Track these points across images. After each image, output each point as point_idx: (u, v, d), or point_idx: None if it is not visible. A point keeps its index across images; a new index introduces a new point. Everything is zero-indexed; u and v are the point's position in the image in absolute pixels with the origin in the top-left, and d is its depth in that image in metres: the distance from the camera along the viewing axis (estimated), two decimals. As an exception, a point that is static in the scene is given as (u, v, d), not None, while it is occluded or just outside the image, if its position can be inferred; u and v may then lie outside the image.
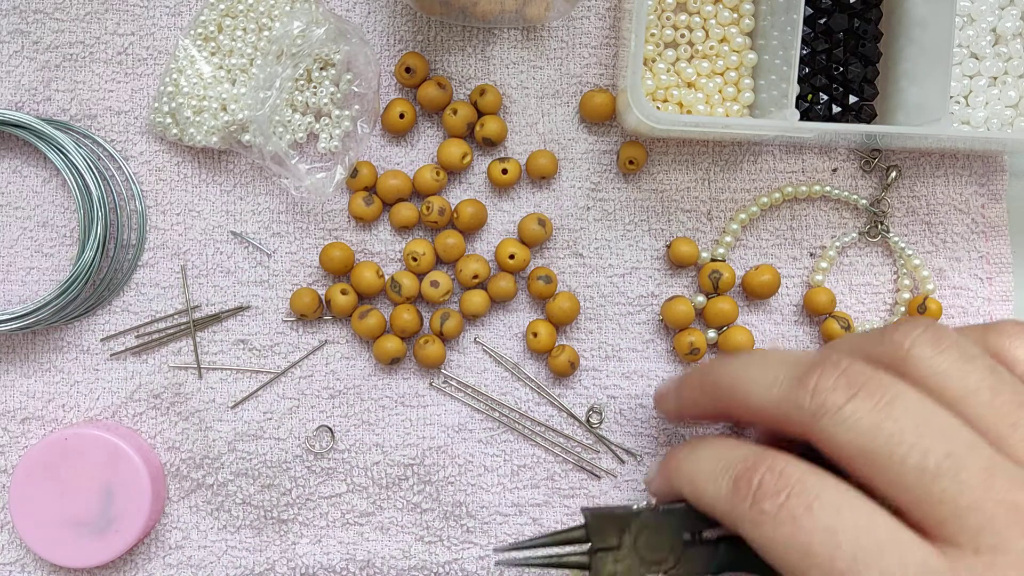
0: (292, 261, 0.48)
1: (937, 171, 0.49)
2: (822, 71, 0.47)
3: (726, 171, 0.49)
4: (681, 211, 0.49)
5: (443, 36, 0.48)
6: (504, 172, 0.47)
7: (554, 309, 0.47)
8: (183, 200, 0.48)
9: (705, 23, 0.47)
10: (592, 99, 0.47)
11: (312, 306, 0.47)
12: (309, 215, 0.48)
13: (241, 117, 0.46)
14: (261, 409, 0.48)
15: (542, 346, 0.47)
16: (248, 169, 0.48)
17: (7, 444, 0.48)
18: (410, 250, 0.47)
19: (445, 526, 0.48)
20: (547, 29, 0.48)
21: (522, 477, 0.48)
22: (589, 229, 0.49)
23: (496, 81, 0.48)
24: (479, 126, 0.47)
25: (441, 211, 0.47)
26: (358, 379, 0.48)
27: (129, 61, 0.48)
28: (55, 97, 0.47)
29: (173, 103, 0.46)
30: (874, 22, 0.47)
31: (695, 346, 0.47)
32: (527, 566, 0.36)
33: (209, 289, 0.48)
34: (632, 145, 0.48)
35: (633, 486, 0.48)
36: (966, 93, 0.47)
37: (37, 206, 0.48)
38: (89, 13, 0.47)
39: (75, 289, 0.46)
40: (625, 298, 0.49)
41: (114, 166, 0.48)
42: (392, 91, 0.48)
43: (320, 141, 0.47)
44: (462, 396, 0.48)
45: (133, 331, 0.48)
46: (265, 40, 0.46)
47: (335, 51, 0.46)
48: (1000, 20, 0.46)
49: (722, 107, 0.47)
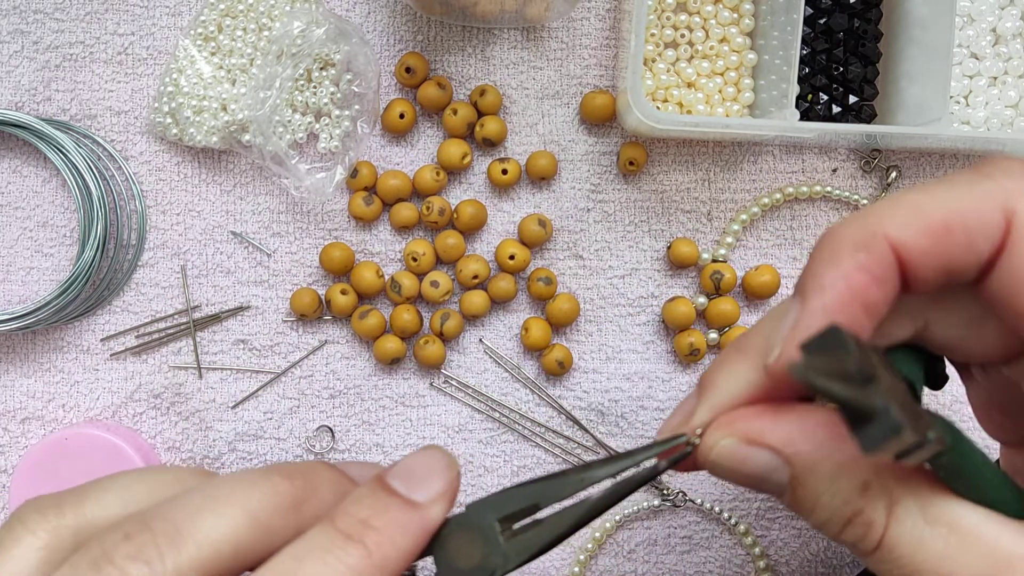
0: (292, 261, 0.48)
1: (937, 171, 0.49)
2: (822, 71, 0.47)
3: (726, 171, 0.49)
4: (681, 212, 0.49)
5: (443, 36, 0.48)
6: (504, 172, 0.47)
7: (554, 310, 0.47)
8: (183, 200, 0.48)
9: (705, 23, 0.47)
10: (593, 100, 0.47)
11: (312, 306, 0.47)
12: (309, 215, 0.48)
13: (241, 117, 0.46)
14: (261, 409, 0.48)
15: (532, 342, 0.47)
16: (248, 169, 0.48)
17: (7, 444, 0.48)
18: (410, 250, 0.47)
19: (445, 526, 0.48)
20: (547, 29, 0.48)
21: (522, 478, 0.48)
22: (589, 230, 0.49)
23: (496, 81, 0.48)
24: (479, 126, 0.47)
25: (441, 211, 0.47)
26: (358, 379, 0.48)
27: (129, 61, 0.48)
28: (55, 97, 0.47)
29: (173, 103, 0.46)
30: (874, 22, 0.47)
31: (695, 347, 0.47)
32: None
33: (209, 289, 0.48)
34: (632, 146, 0.48)
35: (633, 487, 0.48)
36: (966, 93, 0.47)
37: (37, 206, 0.48)
38: (89, 13, 0.47)
39: (75, 289, 0.46)
40: (625, 299, 0.49)
41: (114, 166, 0.48)
42: (392, 91, 0.48)
43: (320, 141, 0.47)
44: (462, 396, 0.48)
45: (133, 331, 0.48)
46: (265, 40, 0.46)
47: (335, 51, 0.46)
48: (1000, 20, 0.46)
49: (722, 107, 0.47)
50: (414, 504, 0.26)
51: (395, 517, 0.25)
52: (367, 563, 0.24)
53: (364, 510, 0.25)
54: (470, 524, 0.27)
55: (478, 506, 0.27)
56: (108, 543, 0.24)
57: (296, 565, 0.24)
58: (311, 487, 0.26)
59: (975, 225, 0.24)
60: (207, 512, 0.24)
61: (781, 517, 0.49)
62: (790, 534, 0.49)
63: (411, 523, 0.26)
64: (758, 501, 0.49)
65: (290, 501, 0.25)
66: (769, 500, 0.49)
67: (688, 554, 0.49)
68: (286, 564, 0.24)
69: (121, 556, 0.23)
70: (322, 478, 0.27)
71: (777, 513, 0.49)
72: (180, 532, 0.24)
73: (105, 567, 0.23)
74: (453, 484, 0.27)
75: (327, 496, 0.26)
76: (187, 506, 0.24)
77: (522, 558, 0.27)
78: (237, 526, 0.24)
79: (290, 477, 0.26)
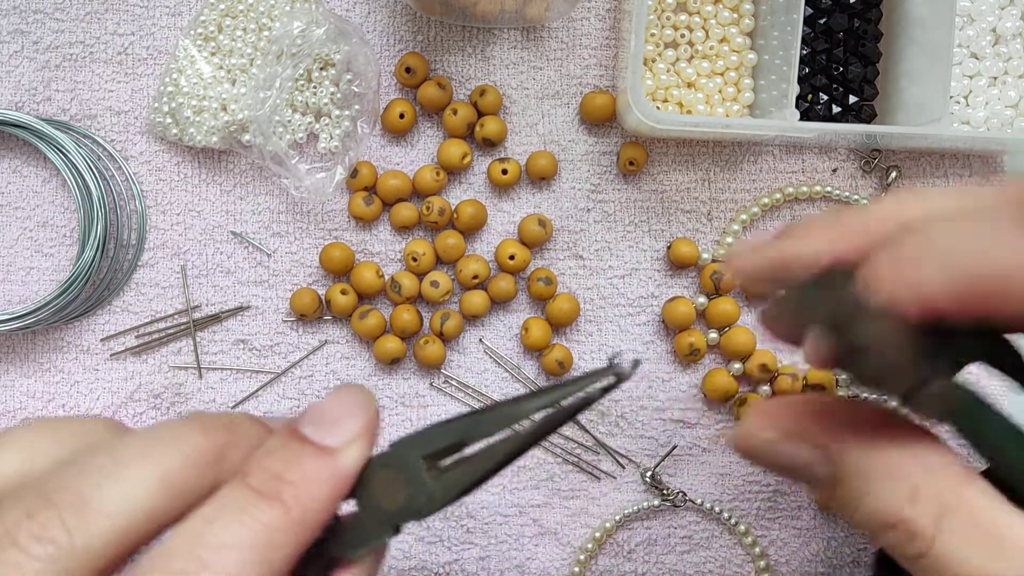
0: (292, 261, 0.48)
1: (937, 171, 0.49)
2: (822, 71, 0.47)
3: (726, 171, 0.49)
4: (681, 212, 0.49)
5: (443, 36, 0.48)
6: (504, 172, 0.47)
7: (554, 310, 0.47)
8: (183, 200, 0.48)
9: (705, 23, 0.47)
10: (593, 100, 0.47)
11: (312, 306, 0.47)
12: (309, 215, 0.48)
13: (241, 117, 0.46)
14: (261, 409, 0.48)
15: (532, 342, 0.47)
16: (248, 169, 0.48)
17: (7, 444, 0.48)
18: (410, 250, 0.47)
19: (445, 526, 0.48)
20: (547, 29, 0.48)
21: (522, 478, 0.48)
22: (589, 231, 0.49)
23: (496, 81, 0.48)
24: (479, 126, 0.47)
25: (441, 211, 0.47)
26: (358, 379, 0.48)
27: (129, 61, 0.48)
28: (55, 97, 0.47)
29: (173, 103, 0.46)
30: (874, 22, 0.47)
31: (695, 347, 0.47)
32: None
33: (209, 289, 0.48)
34: (632, 146, 0.48)
35: (634, 487, 0.48)
36: (966, 93, 0.47)
37: (37, 206, 0.48)
38: (89, 13, 0.47)
39: (75, 289, 0.46)
40: (625, 299, 0.49)
41: (114, 166, 0.48)
42: (392, 91, 0.48)
43: (320, 141, 0.47)
44: (462, 396, 0.48)
45: (133, 331, 0.48)
46: (265, 40, 0.46)
47: (335, 51, 0.46)
48: (1000, 20, 0.46)
49: (722, 107, 0.47)
50: (328, 450, 0.24)
51: (309, 468, 0.24)
52: (285, 520, 0.23)
53: (276, 463, 0.24)
54: (393, 463, 0.26)
55: (401, 444, 0.26)
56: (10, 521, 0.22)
57: (207, 528, 0.22)
58: (231, 441, 0.24)
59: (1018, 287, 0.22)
60: (116, 478, 0.22)
61: (781, 517, 0.49)
62: (790, 534, 0.49)
63: (327, 471, 0.24)
64: (758, 501, 0.49)
65: (209, 458, 0.24)
66: (769, 500, 0.49)
67: (688, 554, 0.49)
68: (197, 527, 0.23)
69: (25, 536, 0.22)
70: (243, 431, 0.25)
71: (777, 513, 0.49)
72: (87, 503, 0.22)
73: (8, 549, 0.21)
74: (370, 423, 0.25)
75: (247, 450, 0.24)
76: (94, 471, 0.23)
77: (449, 496, 0.25)
78: (149, 490, 0.23)
79: (207, 431, 0.24)
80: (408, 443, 0.26)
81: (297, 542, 0.23)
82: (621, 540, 0.48)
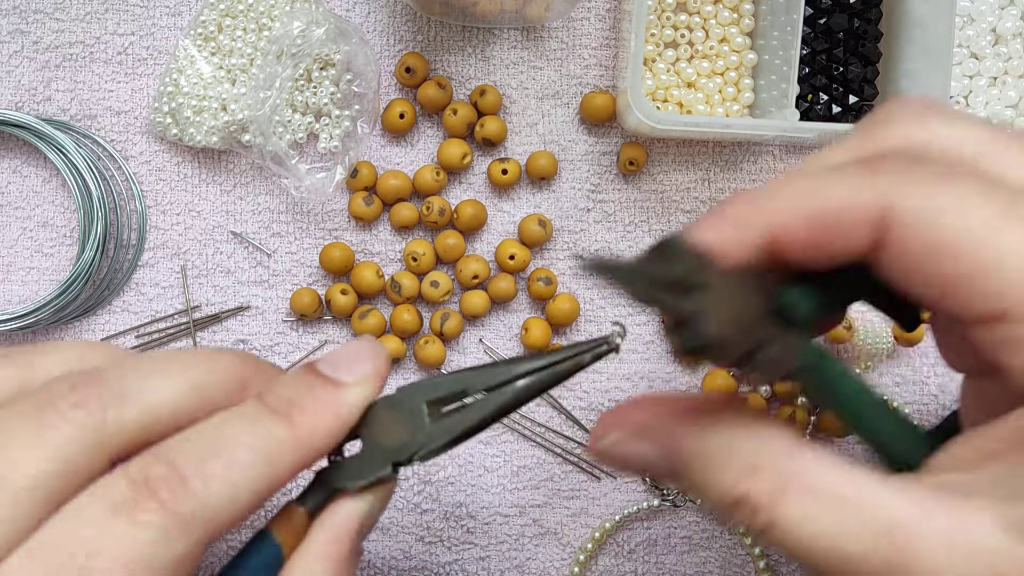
0: (292, 261, 0.48)
1: (937, 171, 0.49)
2: (822, 71, 0.47)
3: (726, 171, 0.49)
4: (681, 212, 0.49)
5: (443, 36, 0.48)
6: (504, 172, 0.47)
7: (554, 310, 0.47)
8: (183, 200, 0.48)
9: (705, 23, 0.47)
10: (593, 100, 0.47)
11: (312, 306, 0.47)
12: (309, 215, 0.48)
13: (241, 117, 0.46)
14: (261, 409, 0.48)
15: (532, 342, 0.47)
16: (248, 169, 0.48)
17: (6, 444, 0.48)
18: (410, 250, 0.47)
19: (445, 526, 0.48)
20: (547, 29, 0.48)
21: (522, 478, 0.48)
22: (589, 230, 0.49)
23: (496, 81, 0.48)
24: (479, 126, 0.47)
25: (441, 211, 0.47)
26: (358, 379, 0.48)
27: (129, 61, 0.48)
28: (55, 97, 0.47)
29: (173, 103, 0.46)
30: (874, 22, 0.47)
31: (695, 346, 0.47)
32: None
33: (209, 289, 0.48)
34: (632, 146, 0.48)
35: (634, 487, 0.48)
36: (966, 93, 0.47)
37: (37, 206, 0.48)
38: (89, 13, 0.47)
39: (75, 289, 0.46)
40: (625, 299, 0.49)
41: (114, 166, 0.48)
42: (392, 91, 0.48)
43: (320, 141, 0.47)
44: (462, 396, 0.48)
45: (133, 331, 0.48)
46: (265, 40, 0.47)
47: (335, 51, 0.46)
48: (1000, 20, 0.46)
49: (722, 107, 0.47)
50: (338, 384, 0.27)
51: (320, 396, 0.27)
52: (290, 435, 0.26)
53: (291, 389, 0.27)
54: (398, 404, 0.28)
55: (408, 389, 0.28)
56: (55, 390, 0.24)
57: (223, 425, 0.26)
58: (258, 371, 0.28)
59: (850, 220, 0.24)
60: (157, 377, 0.25)
61: (781, 517, 0.49)
62: (790, 534, 0.49)
63: (335, 402, 0.27)
64: (758, 501, 0.49)
65: (236, 379, 0.27)
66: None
67: (688, 554, 0.49)
68: (214, 422, 0.26)
69: (66, 403, 0.24)
70: (270, 370, 0.28)
71: (777, 513, 0.49)
72: (127, 392, 0.25)
73: (47, 410, 0.24)
74: (381, 368, 0.28)
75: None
76: (139, 369, 0.26)
77: (445, 439, 0.28)
78: (181, 392, 0.26)
79: (241, 360, 0.27)
80: (414, 388, 0.28)
81: (299, 459, 0.26)
82: (621, 540, 0.48)
